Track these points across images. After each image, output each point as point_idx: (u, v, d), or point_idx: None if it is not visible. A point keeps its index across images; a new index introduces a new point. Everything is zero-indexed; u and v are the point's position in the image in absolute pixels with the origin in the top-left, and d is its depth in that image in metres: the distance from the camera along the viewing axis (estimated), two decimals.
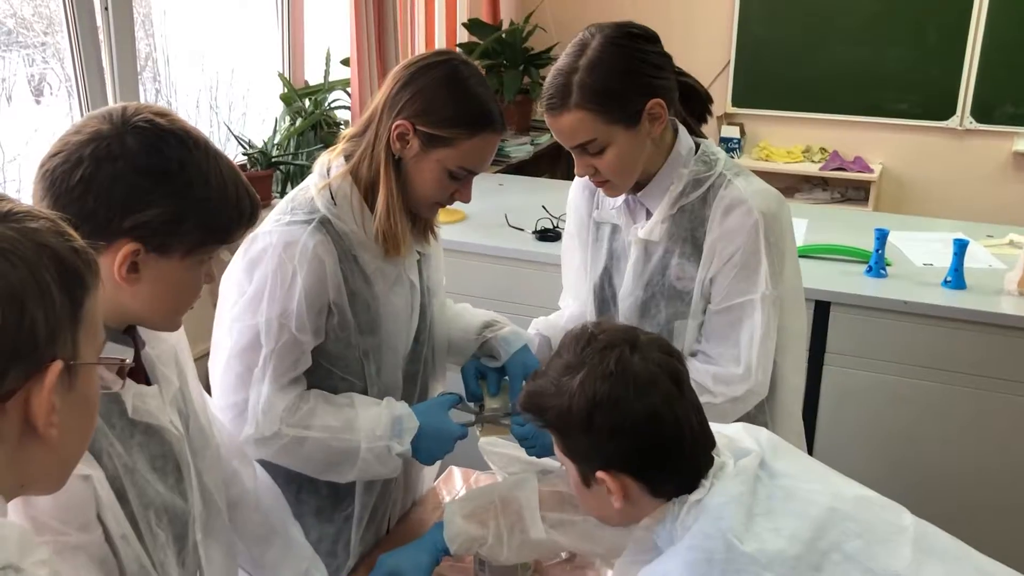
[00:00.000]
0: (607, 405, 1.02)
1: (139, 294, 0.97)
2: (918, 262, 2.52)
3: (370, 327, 1.44)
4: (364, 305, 1.42)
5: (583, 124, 1.42)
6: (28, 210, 0.71)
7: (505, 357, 1.59)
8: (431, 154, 1.36)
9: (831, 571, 0.98)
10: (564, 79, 1.43)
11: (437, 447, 1.46)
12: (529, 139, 4.24)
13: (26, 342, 0.66)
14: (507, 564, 1.43)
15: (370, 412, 1.42)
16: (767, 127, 4.68)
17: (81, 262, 0.72)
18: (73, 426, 0.73)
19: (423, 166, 1.37)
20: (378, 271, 1.43)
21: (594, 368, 1.03)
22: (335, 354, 1.43)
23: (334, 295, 1.38)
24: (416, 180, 1.39)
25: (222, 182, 0.99)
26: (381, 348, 1.46)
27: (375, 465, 1.42)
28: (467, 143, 1.36)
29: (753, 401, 1.53)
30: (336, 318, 1.40)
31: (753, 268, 1.48)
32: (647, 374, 1.03)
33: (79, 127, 0.96)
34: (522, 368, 1.57)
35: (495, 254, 2.66)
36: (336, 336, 1.42)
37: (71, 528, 0.92)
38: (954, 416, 2.31)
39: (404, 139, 1.36)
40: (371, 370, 1.46)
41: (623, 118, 1.42)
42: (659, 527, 1.06)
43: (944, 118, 4.35)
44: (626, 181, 1.51)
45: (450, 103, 1.35)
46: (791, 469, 1.09)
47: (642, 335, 1.08)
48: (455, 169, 1.37)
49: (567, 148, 1.49)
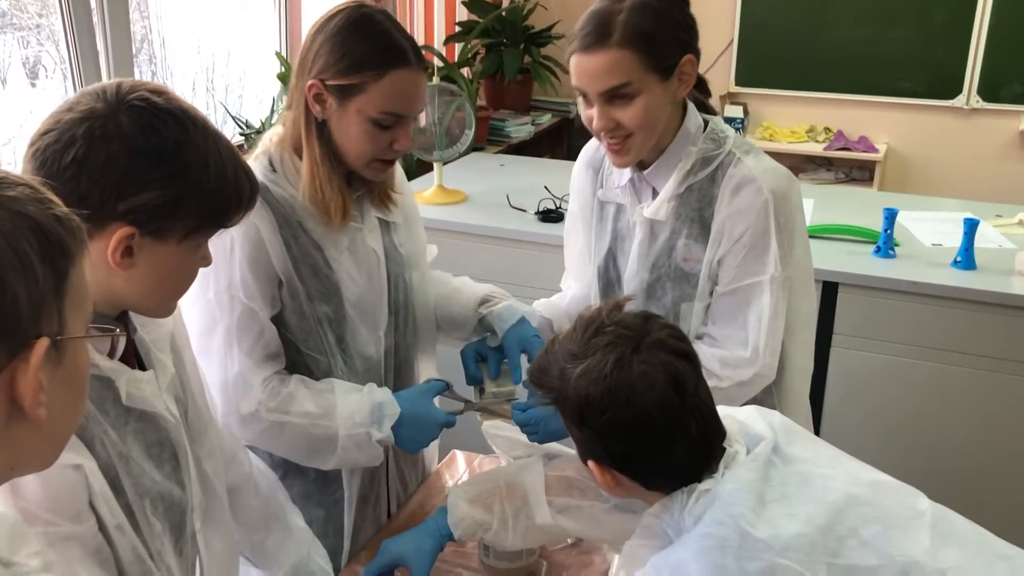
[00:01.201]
0: (598, 406, 1.00)
1: (133, 279, 0.94)
2: (927, 242, 2.49)
3: (322, 294, 1.40)
4: (313, 271, 1.38)
5: (621, 64, 1.36)
6: (4, 176, 0.67)
7: (501, 333, 1.55)
8: (348, 107, 1.31)
9: (848, 557, 0.95)
10: (605, 18, 1.37)
11: (420, 435, 1.43)
12: (530, 119, 4.20)
13: (8, 319, 0.63)
14: (512, 549, 1.42)
15: (350, 398, 1.39)
16: (771, 107, 4.64)
17: (64, 230, 0.68)
18: (62, 404, 0.70)
19: (346, 122, 1.32)
20: (326, 236, 1.39)
21: (593, 365, 1.01)
22: (293, 325, 1.40)
23: (278, 263, 1.35)
24: (345, 139, 1.33)
25: (221, 164, 0.96)
26: (339, 316, 1.42)
27: (355, 452, 1.39)
28: (380, 84, 1.29)
29: (760, 385, 1.50)
30: (285, 287, 1.37)
31: (762, 249, 1.44)
32: (644, 380, 1.00)
33: (71, 104, 0.92)
34: (518, 342, 1.54)
35: (497, 235, 2.63)
36: (289, 305, 1.38)
37: (62, 519, 0.89)
38: (963, 398, 2.29)
39: (320, 99, 1.31)
40: (330, 340, 1.42)
41: (661, 67, 1.38)
42: (667, 515, 1.03)
43: (950, 97, 4.30)
44: (645, 141, 1.44)
45: (353, 47, 1.29)
46: (805, 454, 1.06)
47: (654, 331, 1.04)
48: (378, 116, 1.31)
49: (593, 94, 1.40)
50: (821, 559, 0.95)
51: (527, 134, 4.11)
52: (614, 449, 1.03)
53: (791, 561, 0.93)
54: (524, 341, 1.54)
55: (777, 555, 0.94)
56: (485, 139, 3.95)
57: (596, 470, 1.05)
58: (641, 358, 1.01)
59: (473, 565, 1.49)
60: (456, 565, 1.49)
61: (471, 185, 2.94)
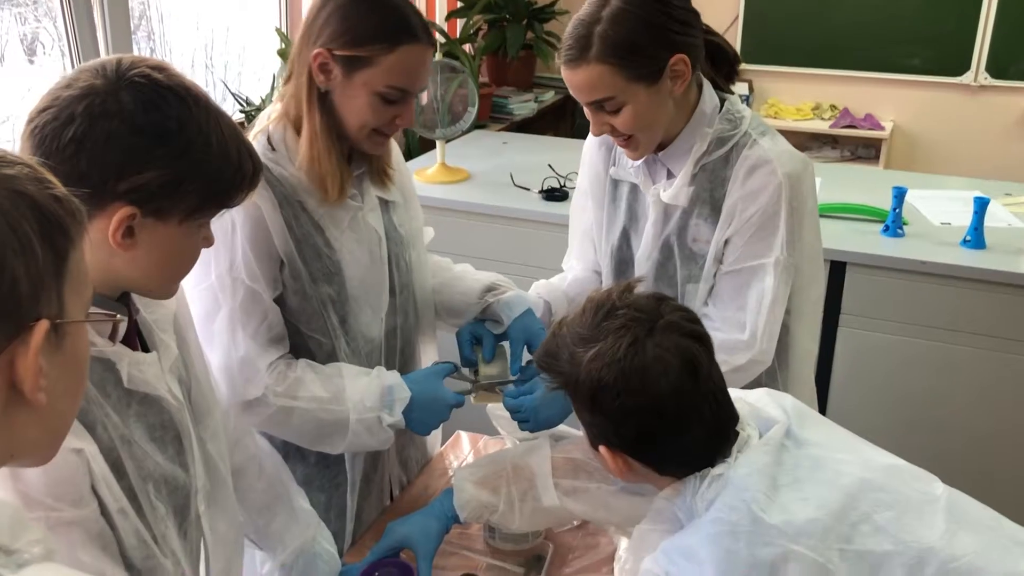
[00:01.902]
0: (612, 390, 0.98)
1: (135, 260, 0.92)
2: (935, 221, 2.47)
3: (325, 275, 1.38)
4: (315, 252, 1.36)
5: (602, 79, 1.35)
6: (2, 155, 0.65)
7: (507, 322, 1.54)
8: (355, 79, 1.28)
9: (862, 543, 0.94)
10: (585, 29, 1.35)
11: (431, 417, 1.42)
12: (533, 96, 4.16)
13: (7, 301, 0.61)
14: (518, 532, 1.41)
15: (359, 382, 1.38)
16: (776, 84, 4.59)
17: (63, 211, 0.66)
18: (62, 389, 0.68)
19: (350, 94, 1.29)
20: (327, 216, 1.37)
21: (606, 348, 0.99)
22: (295, 307, 1.38)
23: (279, 243, 1.33)
24: (347, 111, 1.31)
25: (223, 143, 0.93)
26: (342, 297, 1.40)
27: (365, 436, 1.38)
28: (389, 58, 1.27)
29: (755, 371, 1.49)
30: (287, 268, 1.35)
31: (770, 231, 1.42)
32: (658, 364, 0.98)
33: (70, 80, 0.89)
34: (523, 333, 1.53)
35: (500, 214, 2.60)
36: (291, 287, 1.36)
37: (64, 504, 0.88)
38: (973, 378, 2.27)
39: (325, 69, 1.29)
40: (333, 321, 1.40)
41: (645, 74, 1.35)
42: (679, 499, 1.02)
43: (958, 74, 4.25)
44: (649, 140, 1.44)
45: (363, 19, 1.26)
46: (818, 438, 1.05)
47: (667, 313, 1.02)
48: (384, 90, 1.29)
49: (583, 104, 1.42)
50: (834, 545, 0.93)
51: (530, 111, 4.07)
52: (627, 434, 1.01)
53: (804, 547, 0.92)
54: (530, 333, 1.53)
55: (790, 541, 0.92)
56: (487, 117, 3.91)
57: (608, 455, 1.03)
58: (655, 341, 0.99)
59: (478, 547, 1.49)
60: (461, 547, 1.48)
61: (474, 163, 2.91)
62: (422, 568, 1.32)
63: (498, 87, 4.16)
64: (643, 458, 1.03)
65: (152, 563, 0.98)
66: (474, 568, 1.42)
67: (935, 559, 0.93)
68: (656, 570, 0.98)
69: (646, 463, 1.03)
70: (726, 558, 0.93)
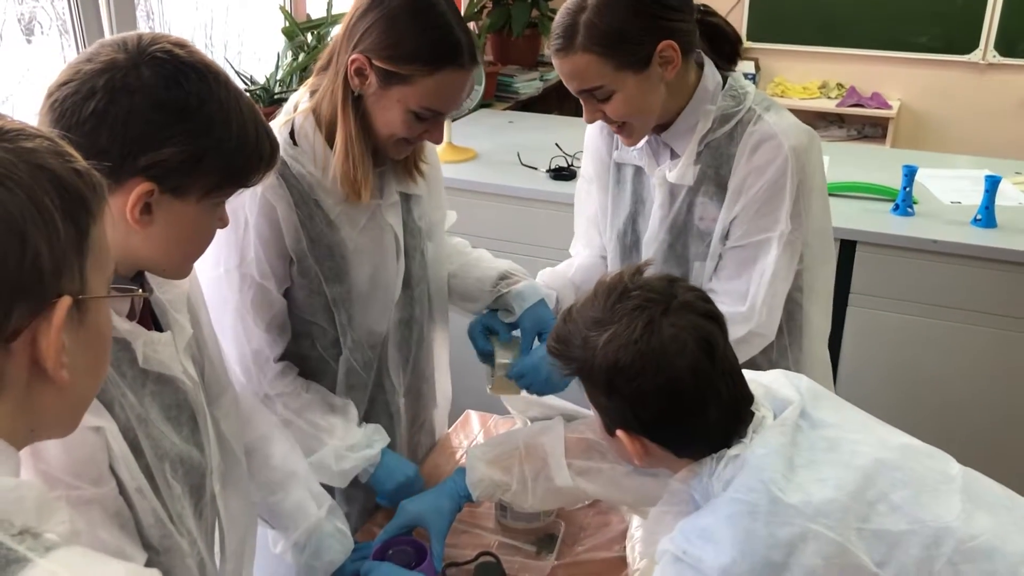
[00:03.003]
0: (629, 372, 0.98)
1: (151, 238, 0.91)
2: (945, 200, 2.45)
3: (336, 274, 1.37)
4: (327, 252, 1.35)
5: (589, 69, 1.34)
6: (22, 127, 0.63)
7: (518, 312, 1.53)
8: (390, 92, 1.24)
9: (878, 522, 0.94)
10: (571, 18, 1.34)
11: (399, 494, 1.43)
12: (538, 75, 4.13)
13: (30, 276, 0.60)
14: (531, 511, 1.41)
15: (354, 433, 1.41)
16: (783, 62, 4.55)
17: (85, 185, 0.65)
18: (84, 365, 0.68)
19: (383, 104, 1.25)
20: (343, 215, 1.34)
21: (621, 330, 0.98)
22: (301, 301, 1.38)
23: (291, 242, 1.31)
24: (378, 119, 1.27)
25: (243, 122, 0.92)
26: (351, 296, 1.39)
27: (328, 471, 1.40)
28: (427, 81, 1.23)
29: (758, 344, 1.48)
30: (296, 265, 1.34)
31: (775, 205, 1.41)
32: (675, 343, 0.97)
33: (91, 55, 0.89)
34: (534, 323, 1.52)
35: (508, 194, 2.59)
36: (299, 284, 1.36)
37: (83, 482, 0.88)
38: (983, 357, 2.27)
39: (362, 74, 1.24)
40: (342, 318, 1.40)
41: (632, 62, 1.34)
42: (695, 481, 1.02)
43: (966, 52, 4.21)
44: (642, 126, 1.43)
45: (408, 35, 1.21)
46: (833, 418, 1.05)
47: (680, 293, 1.01)
48: (419, 109, 1.25)
49: (574, 93, 1.41)
50: (852, 524, 0.93)
51: (535, 90, 4.04)
52: (645, 416, 1.01)
53: (822, 527, 0.92)
54: (542, 323, 1.52)
55: (809, 521, 0.92)
56: (492, 96, 3.88)
57: (625, 439, 1.02)
58: (670, 321, 0.98)
59: (490, 526, 1.49)
60: (473, 526, 1.48)
61: (480, 142, 2.89)
62: (435, 546, 1.33)
63: (503, 65, 4.12)
64: (662, 440, 1.02)
65: (169, 542, 0.98)
66: (486, 547, 1.42)
67: (952, 538, 0.93)
68: (673, 550, 0.98)
69: (664, 445, 1.03)
70: (745, 538, 0.93)
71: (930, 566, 0.92)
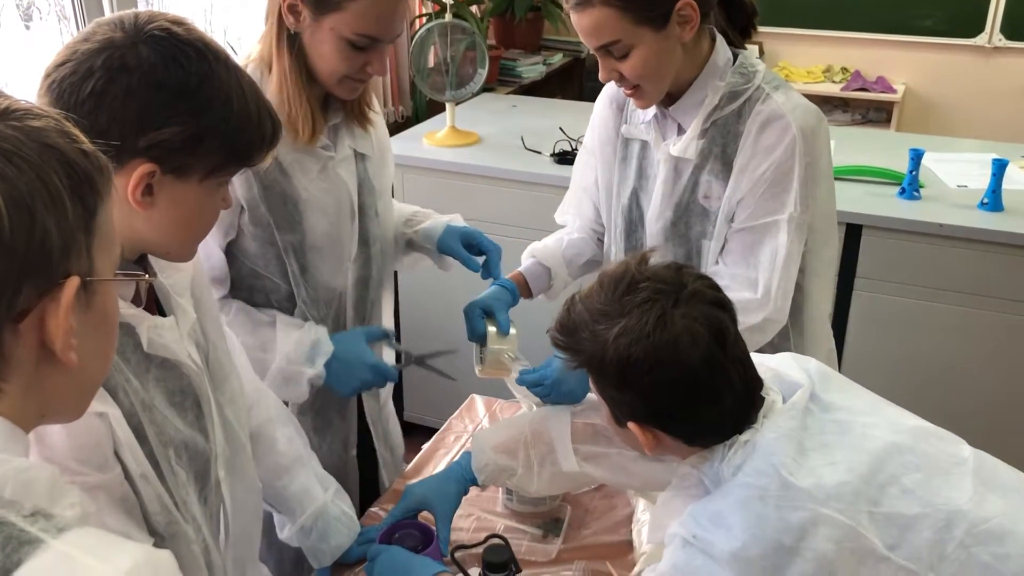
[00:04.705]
0: (642, 366, 0.96)
1: (154, 219, 0.90)
2: (951, 184, 2.44)
3: (288, 223, 1.37)
4: (280, 199, 1.36)
5: (608, 23, 1.33)
6: (29, 107, 0.63)
7: (434, 245, 1.55)
8: (323, 22, 1.27)
9: (890, 506, 0.93)
10: None
11: (350, 375, 1.41)
12: (541, 59, 4.10)
13: (38, 254, 0.60)
14: (537, 496, 1.41)
15: (290, 335, 1.39)
16: (787, 46, 4.52)
17: (92, 166, 0.64)
18: (92, 348, 0.67)
19: (319, 38, 1.28)
20: (296, 163, 1.36)
21: (632, 323, 0.96)
22: (253, 252, 1.38)
23: (241, 190, 1.32)
24: (315, 55, 1.30)
25: (243, 100, 0.91)
26: (304, 245, 1.40)
27: (280, 386, 1.39)
28: (357, 4, 1.24)
29: (772, 330, 1.46)
30: (248, 214, 1.34)
31: (784, 187, 1.40)
32: (688, 335, 0.96)
33: (88, 34, 0.87)
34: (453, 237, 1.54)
35: (512, 178, 2.58)
36: (251, 233, 1.36)
37: (89, 468, 0.88)
38: (990, 342, 2.26)
39: (295, 11, 1.27)
40: (293, 268, 1.40)
41: (651, 17, 1.33)
42: (706, 466, 1.01)
43: (972, 35, 4.18)
44: (656, 88, 1.42)
45: None
46: (844, 401, 1.04)
47: (689, 282, 1.00)
48: (353, 37, 1.27)
49: (591, 50, 1.40)
50: (863, 508, 0.93)
51: (538, 74, 4.01)
52: (659, 408, 1.00)
53: (833, 511, 0.91)
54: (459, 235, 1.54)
55: (820, 504, 0.92)
56: (495, 80, 3.86)
57: (637, 431, 1.01)
58: (682, 312, 0.97)
59: (496, 509, 1.49)
60: (479, 509, 1.48)
61: (484, 127, 2.87)
62: (441, 530, 1.33)
63: (505, 49, 4.10)
64: (674, 430, 1.01)
65: (174, 529, 0.97)
66: (492, 530, 1.42)
67: (964, 521, 0.93)
68: (684, 534, 0.97)
69: (677, 436, 1.02)
70: (756, 522, 0.92)
71: (942, 549, 0.91)
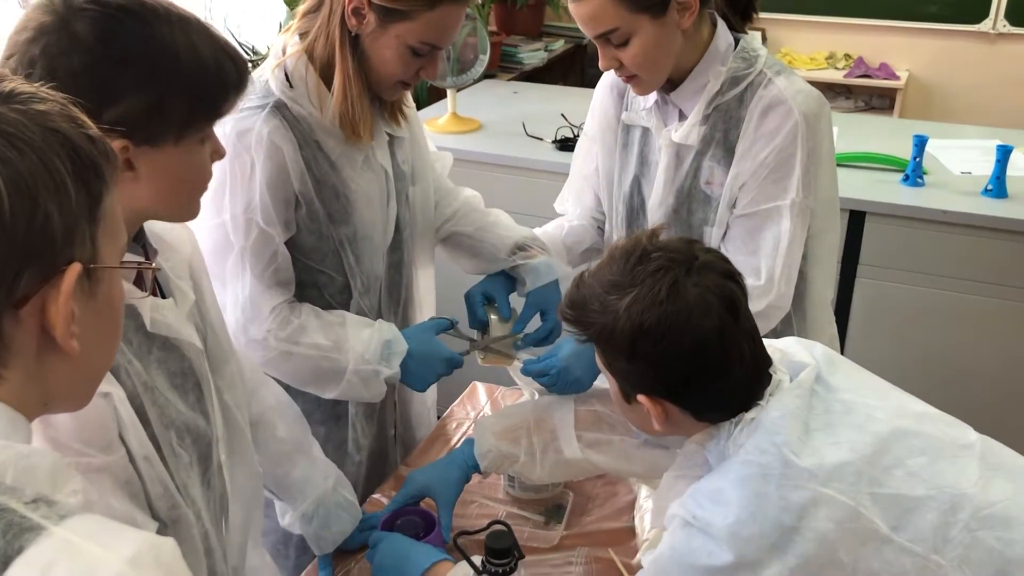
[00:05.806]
0: (654, 334, 0.95)
1: (142, 191, 0.88)
2: (955, 170, 2.43)
3: (342, 215, 1.37)
4: (332, 192, 1.35)
5: (605, 11, 1.32)
6: (34, 91, 0.62)
7: (530, 287, 1.52)
8: (389, 30, 1.26)
9: (895, 487, 0.93)
10: None
11: (427, 371, 1.42)
12: (543, 45, 4.08)
13: (40, 239, 0.59)
14: (539, 483, 1.40)
15: (361, 334, 1.38)
16: (790, 32, 4.50)
17: (98, 152, 0.63)
18: (96, 337, 0.66)
19: (382, 43, 1.27)
20: (343, 156, 1.35)
21: (644, 292, 0.96)
22: (309, 247, 1.37)
23: (298, 184, 1.31)
24: (375, 58, 1.29)
25: (194, 52, 0.87)
26: (357, 237, 1.39)
27: (359, 387, 1.38)
28: (428, 15, 1.25)
29: (776, 317, 1.46)
30: (304, 208, 1.33)
31: (786, 172, 1.39)
32: (701, 303, 0.96)
33: (23, 23, 0.84)
34: (539, 301, 1.51)
35: (513, 164, 2.57)
36: (307, 228, 1.35)
37: (93, 449, 0.87)
38: (994, 328, 2.26)
39: (359, 14, 1.26)
40: (350, 260, 1.40)
41: (649, 6, 1.32)
42: (712, 443, 1.01)
43: (976, 21, 4.16)
44: (655, 76, 1.41)
45: None
46: (849, 384, 1.03)
47: (701, 254, 1.00)
48: (417, 45, 1.27)
49: (590, 38, 1.39)
50: (865, 489, 0.92)
51: (540, 61, 4.00)
52: (670, 378, 0.99)
53: (834, 491, 0.91)
54: (547, 302, 1.51)
55: (821, 484, 0.91)
56: (497, 66, 3.84)
57: (647, 403, 1.00)
58: (694, 281, 0.96)
59: (499, 496, 1.49)
60: (482, 496, 1.48)
61: (485, 113, 2.86)
62: (443, 516, 1.33)
63: (507, 36, 4.08)
64: (684, 403, 1.01)
65: (176, 513, 0.97)
66: (494, 517, 1.42)
67: (969, 504, 0.92)
68: (683, 514, 0.97)
69: (686, 408, 1.01)
70: (755, 500, 0.92)
71: (947, 532, 0.91)
